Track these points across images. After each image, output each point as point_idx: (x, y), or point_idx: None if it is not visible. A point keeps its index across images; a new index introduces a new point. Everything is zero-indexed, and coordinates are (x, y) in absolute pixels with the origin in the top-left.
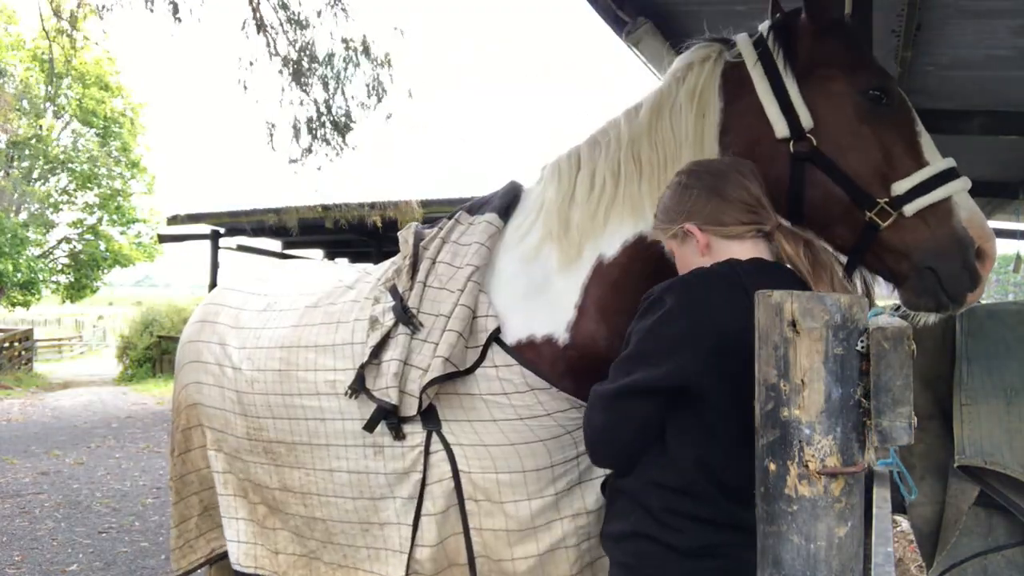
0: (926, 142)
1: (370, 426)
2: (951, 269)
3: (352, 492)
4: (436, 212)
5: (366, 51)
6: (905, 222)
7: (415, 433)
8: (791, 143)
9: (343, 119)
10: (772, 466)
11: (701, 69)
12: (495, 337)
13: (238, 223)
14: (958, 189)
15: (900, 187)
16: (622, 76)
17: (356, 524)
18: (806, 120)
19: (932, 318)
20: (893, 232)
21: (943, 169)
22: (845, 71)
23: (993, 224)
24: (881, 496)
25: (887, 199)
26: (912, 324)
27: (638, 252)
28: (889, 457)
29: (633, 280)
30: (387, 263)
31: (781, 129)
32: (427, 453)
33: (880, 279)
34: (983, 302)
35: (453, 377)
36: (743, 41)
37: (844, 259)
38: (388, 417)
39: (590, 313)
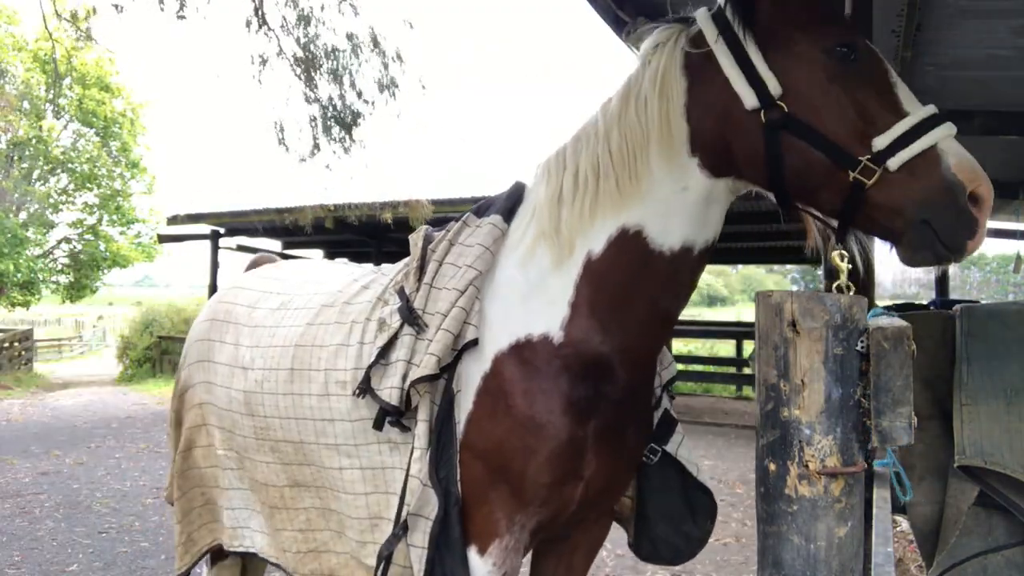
0: (904, 93)
1: (378, 425)
2: (946, 218)
3: (365, 487)
4: (447, 211)
5: (375, 45)
6: (891, 177)
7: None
8: (762, 112)
9: (350, 116)
10: (772, 466)
11: (663, 51)
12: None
13: (238, 223)
14: (943, 135)
15: (881, 142)
16: (622, 76)
17: (366, 520)
18: (774, 87)
19: (934, 272)
20: (881, 189)
21: (924, 117)
22: (808, 31)
23: (993, 224)
24: (881, 496)
25: (869, 156)
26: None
27: (621, 245)
28: (887, 457)
29: (619, 273)
30: (401, 264)
31: (750, 100)
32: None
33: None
34: (983, 302)
35: (435, 379)
36: (702, 15)
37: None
38: (391, 415)
39: (582, 310)
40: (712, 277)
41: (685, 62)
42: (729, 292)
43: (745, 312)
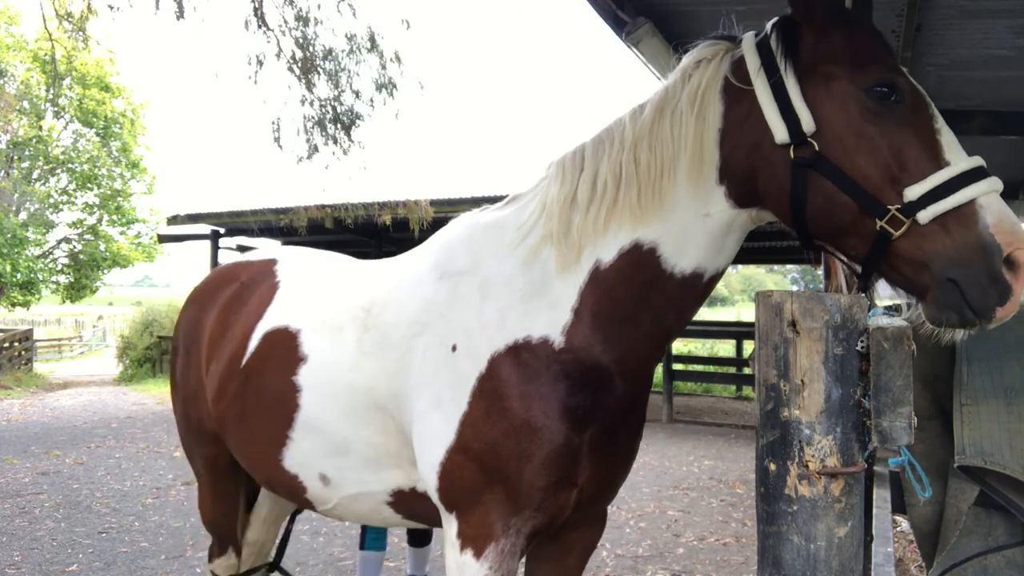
0: (948, 140)
1: None
2: (975, 280)
3: None
4: (447, 211)
5: (373, 45)
6: (921, 230)
7: None
8: (791, 148)
9: (348, 116)
10: (772, 466)
11: (705, 69)
12: None
13: (238, 223)
14: (984, 191)
15: (913, 192)
16: (622, 76)
17: None
18: (807, 123)
19: (960, 334)
20: (908, 242)
21: (966, 169)
22: (848, 68)
23: None
24: (881, 496)
25: (899, 206)
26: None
27: (633, 259)
28: (900, 456)
29: (626, 287)
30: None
31: (781, 134)
32: None
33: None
34: None
35: None
36: (747, 40)
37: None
38: None
39: (585, 318)
40: None
41: (725, 85)
42: (729, 292)
43: (745, 312)
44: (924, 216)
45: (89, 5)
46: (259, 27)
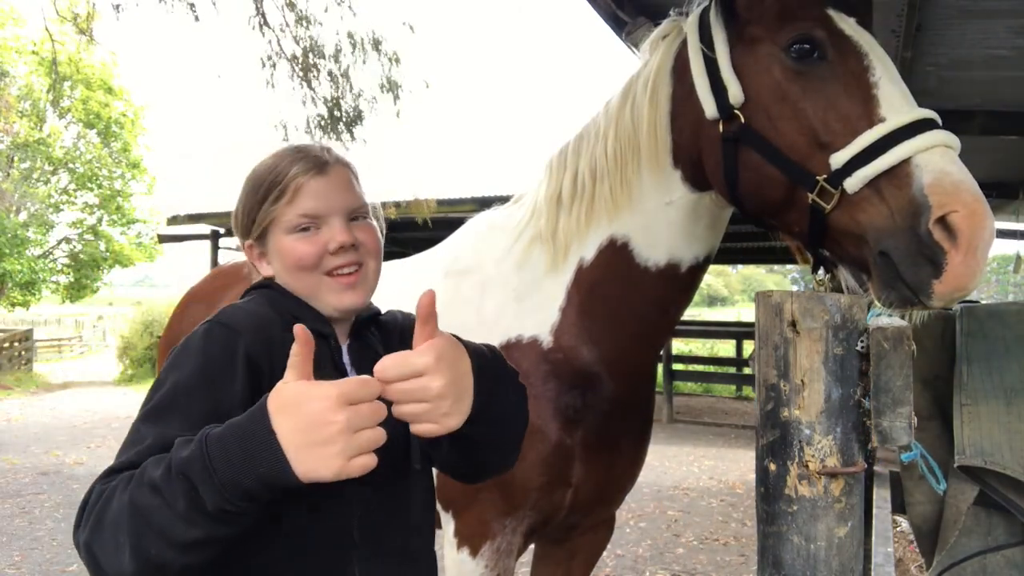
0: (888, 93)
1: None
2: (903, 249)
3: None
4: (449, 211)
5: (376, 46)
6: (854, 199)
7: None
8: (720, 124)
9: (351, 116)
10: (772, 466)
11: (659, 48)
12: None
13: None
14: (923, 146)
15: (838, 159)
16: (622, 76)
17: None
18: (735, 95)
19: (915, 316)
20: (843, 213)
21: (902, 124)
22: (771, 27)
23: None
24: (881, 496)
25: (827, 175)
26: (912, 323)
27: (609, 256)
28: (914, 450)
29: (607, 285)
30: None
31: (710, 109)
32: None
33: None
34: (983, 302)
35: None
36: (695, 12)
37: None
38: None
39: (572, 317)
40: (712, 277)
41: (674, 63)
42: (729, 292)
43: (745, 312)
44: (851, 184)
45: (94, 6)
46: (261, 27)
